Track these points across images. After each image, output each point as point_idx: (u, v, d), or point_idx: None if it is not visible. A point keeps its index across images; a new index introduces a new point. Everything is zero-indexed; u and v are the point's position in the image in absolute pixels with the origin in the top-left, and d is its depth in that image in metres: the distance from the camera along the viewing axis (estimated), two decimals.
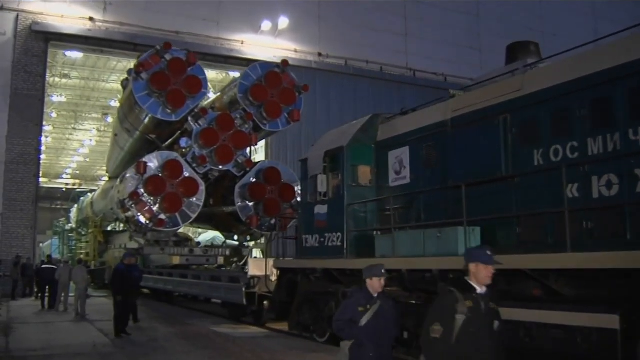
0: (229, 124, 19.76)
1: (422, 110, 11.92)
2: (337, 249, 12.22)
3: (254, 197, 20.15)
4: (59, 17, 26.84)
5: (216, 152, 19.64)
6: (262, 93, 20.27)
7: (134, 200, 18.75)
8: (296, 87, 20.85)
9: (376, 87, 33.06)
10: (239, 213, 20.10)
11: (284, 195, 20.47)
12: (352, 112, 31.57)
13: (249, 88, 20.22)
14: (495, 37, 35.57)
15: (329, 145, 12.83)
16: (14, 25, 26.04)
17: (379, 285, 6.72)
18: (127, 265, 15.22)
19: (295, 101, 20.81)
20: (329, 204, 12.58)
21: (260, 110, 20.33)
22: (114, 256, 26.19)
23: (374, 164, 12.50)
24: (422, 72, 34.37)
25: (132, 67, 19.58)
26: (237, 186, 20.09)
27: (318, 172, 12.74)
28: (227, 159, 19.82)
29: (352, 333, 6.55)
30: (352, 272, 12.02)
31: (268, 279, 15.37)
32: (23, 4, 26.32)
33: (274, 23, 30.80)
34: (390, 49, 34.33)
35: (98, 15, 27.65)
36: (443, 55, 34.81)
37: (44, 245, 48.22)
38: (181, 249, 21.64)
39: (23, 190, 25.59)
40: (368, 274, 6.80)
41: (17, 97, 25.73)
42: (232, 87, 21.26)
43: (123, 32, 27.81)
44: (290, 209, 20.48)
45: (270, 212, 20.22)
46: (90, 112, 48.05)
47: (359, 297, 6.75)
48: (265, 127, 20.61)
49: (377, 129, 12.59)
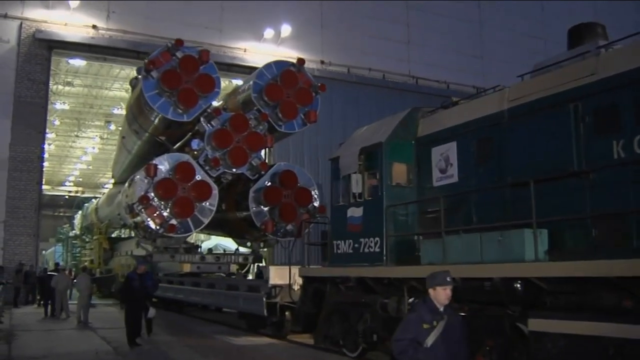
0: (244, 125, 18.33)
1: (470, 101, 10.53)
2: (374, 255, 10.82)
3: (270, 202, 18.65)
4: (63, 25, 26.44)
5: (230, 154, 18.19)
6: (278, 93, 18.85)
7: (143, 204, 17.28)
8: (312, 86, 19.45)
9: (379, 94, 32.11)
10: (254, 218, 18.59)
11: (300, 200, 18.99)
12: (355, 120, 30.65)
13: (263, 87, 18.79)
14: (498, 45, 36.23)
15: (364, 141, 11.44)
16: (17, 33, 25.69)
17: (445, 296, 5.60)
18: (140, 273, 13.90)
19: (311, 101, 19.39)
20: (364, 206, 11.21)
21: (275, 111, 18.89)
22: (120, 263, 24.81)
23: (414, 162, 11.11)
24: (425, 80, 33.61)
25: (142, 65, 18.10)
26: (251, 190, 18.61)
27: (352, 172, 11.36)
28: (242, 161, 18.37)
29: (417, 357, 5.39)
30: (389, 281, 10.64)
31: (291, 288, 13.92)
32: (27, 11, 25.97)
33: (277, 31, 30.31)
34: (393, 56, 33.72)
35: (101, 23, 27.24)
36: (446, 63, 34.07)
37: (47, 253, 47.23)
38: (192, 256, 20.12)
39: (26, 197, 25.09)
40: (432, 283, 5.66)
41: (20, 104, 25.33)
42: (245, 88, 19.80)
43: (126, 40, 27.36)
44: (307, 214, 19.05)
45: (287, 217, 18.75)
46: (93, 119, 47.35)
47: (423, 312, 5.58)
48: (281, 128, 19.15)
49: (418, 124, 11.24)
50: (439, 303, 5.59)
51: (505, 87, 9.75)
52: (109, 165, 57.18)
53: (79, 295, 19.38)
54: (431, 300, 5.64)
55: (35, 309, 23.04)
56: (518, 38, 36.66)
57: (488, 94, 10.16)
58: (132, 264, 22.96)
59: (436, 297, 5.61)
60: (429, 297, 5.70)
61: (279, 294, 14.14)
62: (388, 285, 10.78)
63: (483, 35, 36.60)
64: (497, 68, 32.22)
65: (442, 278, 5.71)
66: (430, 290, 5.68)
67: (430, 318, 5.50)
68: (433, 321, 5.50)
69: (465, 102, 10.62)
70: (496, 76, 22.21)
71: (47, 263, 41.94)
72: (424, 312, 5.61)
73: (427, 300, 5.74)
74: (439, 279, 5.72)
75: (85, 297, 19.12)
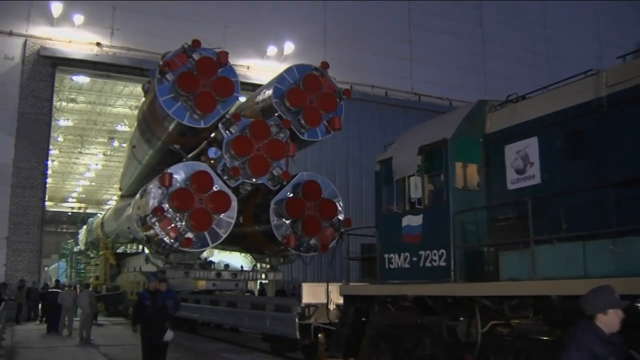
0: (264, 132, 16.56)
1: (553, 90, 8.73)
2: (439, 270, 8.98)
3: (292, 214, 16.78)
4: (67, 42, 26.09)
5: (250, 163, 16.41)
6: (301, 98, 17.10)
7: (157, 216, 15.45)
8: (336, 91, 17.73)
9: (381, 111, 31.45)
10: (275, 232, 16.71)
11: (324, 212, 17.14)
12: (357, 136, 30.18)
13: (285, 92, 17.03)
14: (500, 61, 35.59)
15: (423, 139, 9.61)
16: (22, 50, 25.36)
17: (617, 320, 4.12)
18: (152, 291, 12.03)
19: (335, 107, 17.64)
20: (424, 214, 9.38)
21: (297, 118, 17.12)
22: (128, 280, 22.91)
23: (482, 162, 9.30)
24: (427, 97, 33.07)
25: (157, 68, 16.33)
26: (272, 201, 16.77)
27: (409, 174, 9.54)
28: (263, 170, 16.59)
29: None
30: (454, 300, 8.79)
31: (327, 307, 12.04)
32: (31, 29, 25.67)
33: (280, 48, 29.84)
34: (396, 73, 33.04)
35: (105, 40, 26.89)
36: (448, 80, 33.54)
37: (50, 269, 45.87)
38: (207, 272, 18.19)
39: (29, 213, 24.60)
40: (603, 305, 4.15)
41: (24, 121, 24.99)
42: (265, 94, 18.01)
43: (130, 57, 26.93)
44: (331, 227, 17.22)
45: (310, 231, 16.91)
46: (97, 136, 46.35)
47: (593, 345, 4.03)
48: (303, 136, 17.36)
49: (485, 119, 9.43)
50: (609, 329, 4.09)
51: (600, 71, 7.97)
52: (112, 182, 57.52)
53: (81, 312, 18.69)
54: (597, 326, 4.11)
55: (37, 325, 22.44)
56: (520, 55, 36.20)
57: (575, 81, 8.38)
58: (142, 280, 21.10)
59: (608, 323, 4.10)
60: (594, 323, 4.14)
61: (313, 314, 12.25)
62: (453, 304, 8.95)
63: (485, 52, 36.17)
64: (499, 85, 31.21)
65: (613, 297, 4.19)
66: (600, 315, 4.11)
67: (603, 351, 4.01)
68: (609, 356, 4.02)
69: (546, 92, 8.82)
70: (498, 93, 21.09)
71: (50, 279, 40.65)
72: (594, 344, 4.05)
73: (593, 328, 4.11)
74: (610, 298, 4.16)
75: (87, 314, 18.32)
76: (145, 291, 12.28)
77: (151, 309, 11.98)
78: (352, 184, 29.53)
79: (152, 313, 11.94)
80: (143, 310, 11.97)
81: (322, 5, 31.81)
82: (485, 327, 8.42)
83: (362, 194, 28.89)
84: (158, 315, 11.95)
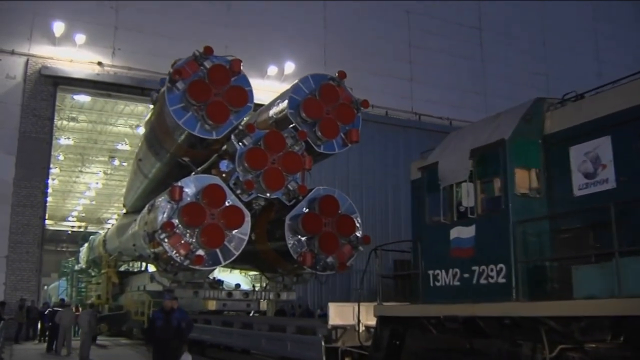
0: (280, 144, 15.39)
1: (627, 85, 7.59)
2: (497, 287, 7.78)
3: (308, 231, 15.53)
4: (68, 61, 25.87)
5: (264, 176, 15.19)
6: (317, 108, 15.96)
7: (167, 232, 14.18)
8: (354, 102, 16.60)
9: (382, 131, 30.76)
10: (290, 249, 15.45)
11: (342, 229, 15.90)
12: (358, 156, 29.32)
13: (301, 103, 15.88)
14: (500, 81, 35.34)
15: (475, 141, 8.43)
16: (24, 69, 25.12)
17: None
18: (167, 311, 10.83)
19: (353, 119, 16.50)
20: (478, 224, 8.16)
21: (313, 129, 15.96)
22: (133, 300, 21.58)
23: (542, 166, 8.13)
24: (428, 116, 32.84)
25: (166, 76, 15.18)
26: (287, 217, 15.52)
27: (460, 180, 8.35)
28: (278, 184, 15.36)
29: None
30: (513, 321, 7.59)
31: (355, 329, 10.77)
32: (33, 48, 25.48)
33: (280, 68, 29.56)
34: (396, 93, 32.81)
35: (107, 59, 26.66)
36: (448, 100, 33.46)
37: (50, 288, 45.11)
38: (217, 291, 16.86)
39: (29, 232, 24.16)
40: None
41: (25, 140, 24.73)
42: (277, 105, 16.87)
43: (131, 77, 26.69)
44: (349, 245, 15.98)
45: (327, 248, 15.66)
46: (97, 155, 45.75)
47: None
48: (319, 148, 16.17)
49: (544, 118, 8.26)
50: None
51: None
52: (113, 201, 57.21)
53: (80, 331, 18.21)
54: None
55: (36, 345, 22.13)
56: (519, 74, 35.90)
57: None
58: (147, 300, 19.76)
59: None
60: None
61: (341, 336, 10.96)
62: (509, 327, 7.73)
63: (485, 72, 36.00)
64: (499, 104, 30.51)
65: None
66: None
67: None
68: None
69: (618, 86, 7.69)
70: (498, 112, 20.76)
71: (50, 298, 39.96)
72: None
73: None
74: None
75: (87, 334, 17.71)
76: (158, 310, 11.08)
77: (164, 330, 10.82)
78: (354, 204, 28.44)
79: (165, 334, 10.78)
80: (155, 331, 10.80)
81: (323, 25, 31.70)
82: (553, 352, 7.22)
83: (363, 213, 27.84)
84: (172, 337, 10.77)
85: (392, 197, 30.55)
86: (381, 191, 30.65)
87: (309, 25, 31.19)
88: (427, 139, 33.43)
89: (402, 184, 31.77)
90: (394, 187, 30.40)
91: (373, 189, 30.53)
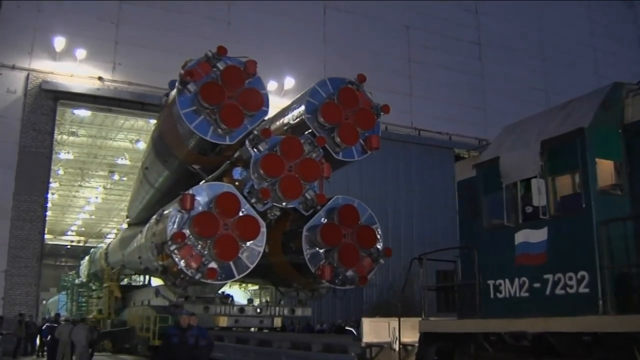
0: (297, 150, 14.21)
1: None
2: (579, 298, 6.56)
3: (327, 243, 14.25)
4: (69, 76, 25.43)
5: (281, 184, 13.98)
6: (336, 113, 14.81)
7: (177, 243, 12.91)
8: (373, 107, 15.49)
9: (382, 146, 28.93)
10: (308, 262, 14.17)
11: (362, 240, 14.64)
12: (358, 171, 28.33)
13: (319, 107, 14.73)
14: (500, 96, 34.75)
15: (545, 132, 7.25)
16: (24, 83, 24.75)
17: None
18: (183, 328, 9.56)
19: (373, 125, 15.40)
20: (551, 226, 6.95)
21: (331, 135, 14.79)
22: (137, 315, 20.24)
23: (623, 159, 6.96)
24: (427, 132, 32.28)
25: (177, 78, 14.01)
26: (305, 228, 14.27)
27: (529, 176, 7.16)
28: (295, 193, 14.14)
29: None
30: (596, 338, 6.38)
31: (391, 347, 9.51)
32: (34, 63, 25.07)
33: (280, 83, 28.71)
34: (395, 108, 31.01)
35: (107, 74, 26.22)
36: (447, 115, 32.95)
37: (49, 302, 44.62)
38: (229, 307, 15.54)
39: (28, 247, 23.66)
40: None
41: (25, 154, 24.27)
42: (292, 109, 15.70)
43: (131, 92, 26.31)
44: (369, 257, 14.72)
45: (347, 261, 14.37)
46: (97, 169, 44.80)
47: None
48: (338, 155, 15.00)
49: (623, 105, 7.11)
50: None
51: None
52: (112, 215, 56.22)
53: (76, 347, 17.72)
54: None
55: None
56: (519, 90, 35.40)
57: None
58: (153, 315, 18.43)
59: None
60: None
61: (377, 355, 9.69)
62: (589, 345, 6.51)
63: (484, 87, 35.55)
64: (499, 119, 30.08)
65: None
66: None
67: None
68: None
69: None
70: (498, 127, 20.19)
71: (49, 313, 38.61)
72: None
73: None
74: None
75: (84, 348, 17.51)
76: (173, 327, 9.81)
77: (179, 348, 9.53)
78: None
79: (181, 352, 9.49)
80: (170, 350, 9.50)
81: (323, 40, 31.25)
82: None
83: None
84: (188, 356, 9.47)
85: (392, 211, 29.69)
86: (381, 206, 29.61)
87: (308, 41, 30.70)
88: (427, 154, 33.33)
89: (402, 199, 31.05)
90: (394, 202, 29.87)
91: (373, 204, 29.32)
